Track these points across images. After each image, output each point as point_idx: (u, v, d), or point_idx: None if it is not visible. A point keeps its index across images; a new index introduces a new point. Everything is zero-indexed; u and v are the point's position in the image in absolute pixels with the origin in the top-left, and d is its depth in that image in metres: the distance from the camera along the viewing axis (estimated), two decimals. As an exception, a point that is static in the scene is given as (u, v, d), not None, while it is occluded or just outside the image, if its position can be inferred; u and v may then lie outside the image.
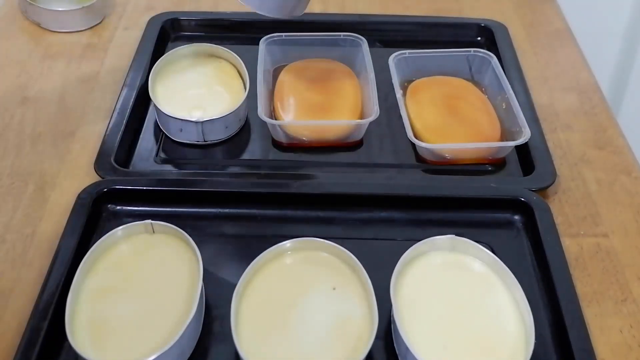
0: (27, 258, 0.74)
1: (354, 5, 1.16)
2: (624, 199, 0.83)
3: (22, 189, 0.82)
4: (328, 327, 0.64)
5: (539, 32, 1.11)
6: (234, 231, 0.78)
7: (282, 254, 0.70)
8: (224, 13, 1.09)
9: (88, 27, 1.08)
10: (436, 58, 0.97)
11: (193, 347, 0.65)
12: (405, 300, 0.66)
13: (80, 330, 0.63)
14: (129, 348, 0.62)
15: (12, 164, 0.85)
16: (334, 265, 0.69)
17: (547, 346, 0.67)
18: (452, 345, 0.63)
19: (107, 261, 0.69)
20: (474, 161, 0.86)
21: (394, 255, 0.68)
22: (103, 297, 0.66)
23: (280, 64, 0.98)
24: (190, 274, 0.67)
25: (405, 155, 0.87)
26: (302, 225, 0.78)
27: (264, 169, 0.86)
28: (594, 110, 0.96)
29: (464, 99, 0.92)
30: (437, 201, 0.80)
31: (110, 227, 0.73)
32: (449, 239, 0.70)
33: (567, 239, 0.78)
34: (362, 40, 0.98)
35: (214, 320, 0.68)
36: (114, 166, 0.82)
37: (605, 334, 0.69)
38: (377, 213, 0.80)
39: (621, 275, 0.74)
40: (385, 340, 0.67)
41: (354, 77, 0.95)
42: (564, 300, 0.69)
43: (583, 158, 0.88)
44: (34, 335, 0.64)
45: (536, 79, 1.01)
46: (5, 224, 0.78)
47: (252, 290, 0.67)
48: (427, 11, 1.14)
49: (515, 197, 0.79)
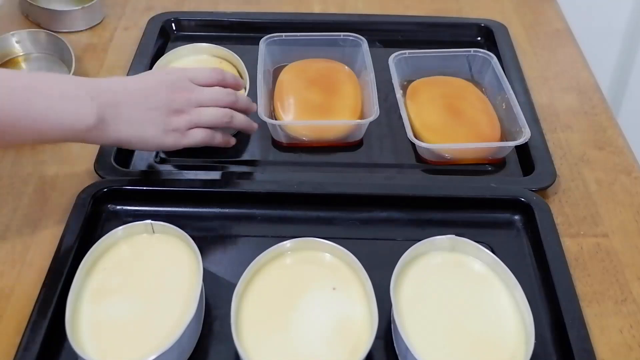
0: (28, 258, 0.74)
1: (354, 5, 1.16)
2: (624, 199, 0.83)
3: (22, 189, 0.82)
4: (328, 327, 0.64)
5: (539, 32, 1.11)
6: (234, 231, 0.78)
7: (282, 254, 0.70)
8: (224, 13, 1.09)
9: (88, 27, 1.08)
10: (436, 58, 0.97)
11: (193, 347, 0.65)
12: (405, 300, 0.66)
13: (80, 331, 0.63)
14: (129, 348, 0.62)
15: (12, 164, 0.85)
16: (334, 265, 0.69)
17: (547, 346, 0.67)
18: (452, 345, 0.63)
19: (107, 261, 0.69)
20: (474, 161, 0.86)
21: (394, 255, 0.68)
22: (103, 297, 0.66)
23: (280, 64, 0.98)
24: (190, 273, 0.67)
25: (405, 155, 0.87)
26: (302, 225, 0.78)
27: (264, 168, 0.86)
28: (594, 110, 0.96)
29: (464, 99, 0.92)
30: (437, 201, 0.80)
31: (110, 227, 0.73)
32: (449, 239, 0.70)
33: (567, 239, 0.78)
34: (362, 40, 0.98)
35: (214, 320, 0.68)
36: (114, 166, 0.82)
37: (605, 334, 0.69)
38: (377, 213, 0.80)
39: (621, 275, 0.74)
40: (385, 340, 0.67)
41: (354, 77, 0.95)
42: (564, 300, 0.69)
43: (583, 158, 0.88)
44: (34, 335, 0.64)
45: (536, 79, 1.01)
46: (6, 224, 0.78)
47: (252, 290, 0.67)
48: (427, 11, 1.14)
49: (515, 197, 0.79)
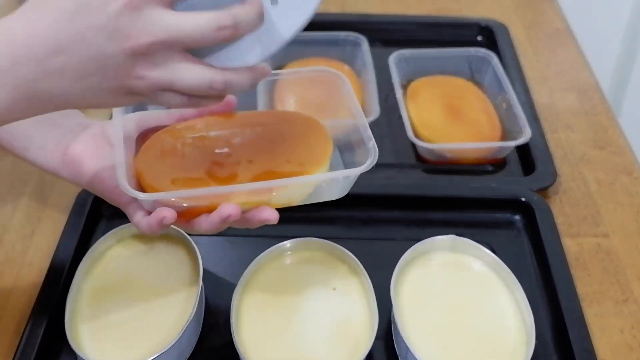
0: (27, 258, 0.74)
1: (354, 4, 1.16)
2: (624, 199, 0.83)
3: (21, 190, 0.82)
4: (328, 328, 0.64)
5: (539, 32, 1.11)
6: (234, 231, 0.78)
7: (282, 254, 0.70)
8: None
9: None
10: (436, 58, 0.97)
11: (192, 347, 0.65)
12: (405, 301, 0.66)
13: (79, 331, 0.63)
14: (128, 349, 0.62)
15: (11, 164, 0.85)
16: (334, 266, 0.69)
17: (547, 346, 0.67)
18: (453, 346, 0.63)
19: (106, 262, 0.69)
20: (474, 161, 0.86)
21: (394, 256, 0.68)
22: (102, 298, 0.66)
23: (280, 63, 0.98)
24: (189, 274, 0.67)
25: (406, 155, 0.87)
26: (302, 226, 0.78)
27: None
28: (594, 110, 0.96)
29: (465, 99, 0.92)
30: (437, 201, 0.80)
31: (109, 227, 0.72)
32: (449, 239, 0.70)
33: (568, 239, 0.78)
34: (363, 39, 0.98)
35: (214, 320, 0.68)
36: (114, 166, 0.81)
37: (606, 334, 0.69)
38: (377, 213, 0.79)
39: (622, 275, 0.74)
40: (386, 341, 0.67)
41: (355, 76, 0.95)
42: (565, 300, 0.69)
43: (583, 158, 0.88)
44: (33, 336, 0.64)
45: (536, 79, 1.00)
46: (5, 224, 0.78)
47: (252, 290, 0.67)
48: (427, 11, 1.14)
49: (515, 197, 0.79)
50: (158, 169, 0.59)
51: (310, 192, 0.61)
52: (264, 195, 0.58)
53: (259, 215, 0.57)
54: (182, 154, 0.61)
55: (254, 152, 0.61)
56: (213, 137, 0.62)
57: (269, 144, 0.62)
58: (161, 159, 0.60)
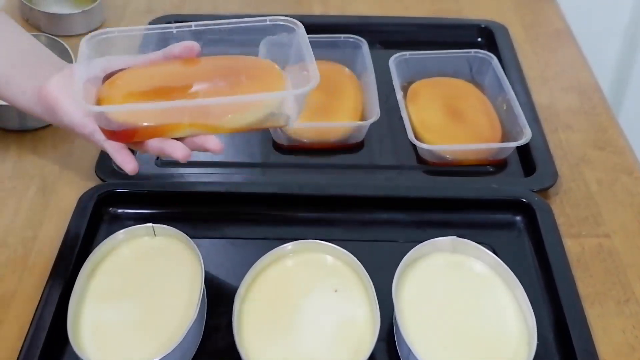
0: (29, 261, 0.74)
1: (354, 6, 1.16)
2: (625, 199, 0.83)
3: (23, 193, 0.82)
4: (330, 329, 0.64)
5: (539, 32, 1.11)
6: (236, 233, 0.78)
7: (284, 256, 0.70)
8: (224, 15, 1.09)
9: (88, 31, 1.08)
10: (436, 59, 0.97)
11: (195, 349, 0.65)
12: (407, 302, 0.66)
13: (82, 334, 0.63)
14: (131, 351, 0.62)
15: (14, 166, 0.85)
16: (336, 268, 0.69)
17: (549, 347, 0.67)
18: (454, 347, 0.63)
19: (108, 264, 0.69)
20: (475, 162, 0.86)
21: (396, 257, 0.68)
22: (105, 301, 0.66)
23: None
24: (191, 276, 0.67)
25: (406, 157, 0.87)
26: (303, 227, 0.78)
27: (265, 171, 0.86)
28: (594, 111, 0.96)
29: (465, 100, 0.92)
30: (438, 202, 0.80)
31: (111, 230, 0.73)
32: (450, 240, 0.70)
33: (569, 240, 0.78)
34: (363, 41, 0.98)
35: (216, 322, 0.68)
36: (115, 169, 0.81)
37: (607, 335, 0.69)
38: (378, 215, 0.80)
39: (623, 275, 0.74)
40: (387, 342, 0.67)
41: (355, 78, 0.95)
42: (566, 301, 0.69)
43: (584, 158, 0.88)
44: (36, 339, 0.64)
45: (536, 79, 1.00)
46: (7, 227, 0.78)
47: (253, 292, 0.67)
48: (427, 12, 1.14)
49: (516, 198, 0.79)
50: (116, 95, 0.64)
51: (260, 117, 0.66)
52: (215, 118, 0.64)
53: (205, 144, 0.65)
54: (143, 85, 0.66)
55: (211, 85, 0.66)
56: (173, 72, 0.68)
57: (225, 79, 0.67)
58: (122, 88, 0.65)
